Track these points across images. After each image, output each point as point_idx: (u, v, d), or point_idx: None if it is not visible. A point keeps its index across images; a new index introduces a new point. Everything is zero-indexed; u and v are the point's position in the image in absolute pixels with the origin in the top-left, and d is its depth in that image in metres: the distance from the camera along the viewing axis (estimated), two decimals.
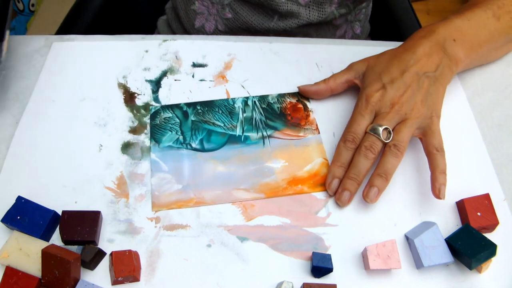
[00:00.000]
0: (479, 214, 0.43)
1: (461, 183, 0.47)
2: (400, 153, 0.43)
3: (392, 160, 0.42)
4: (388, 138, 0.43)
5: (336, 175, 0.44)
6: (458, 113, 0.52)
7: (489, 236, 0.43)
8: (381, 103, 0.44)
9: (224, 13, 0.62)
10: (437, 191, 0.42)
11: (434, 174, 0.43)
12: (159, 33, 0.77)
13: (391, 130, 0.43)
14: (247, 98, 0.52)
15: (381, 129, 0.43)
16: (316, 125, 0.50)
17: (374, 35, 0.79)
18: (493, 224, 0.43)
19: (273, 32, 0.62)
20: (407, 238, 0.43)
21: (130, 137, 0.49)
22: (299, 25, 0.61)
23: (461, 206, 0.44)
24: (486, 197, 0.44)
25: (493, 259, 0.42)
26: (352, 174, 0.43)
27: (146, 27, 0.80)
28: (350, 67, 0.50)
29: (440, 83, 0.46)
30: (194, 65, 0.55)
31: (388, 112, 0.44)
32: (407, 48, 0.47)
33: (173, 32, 0.72)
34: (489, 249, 0.40)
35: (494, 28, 0.50)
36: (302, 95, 0.53)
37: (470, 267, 0.40)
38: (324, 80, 0.50)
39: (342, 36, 0.67)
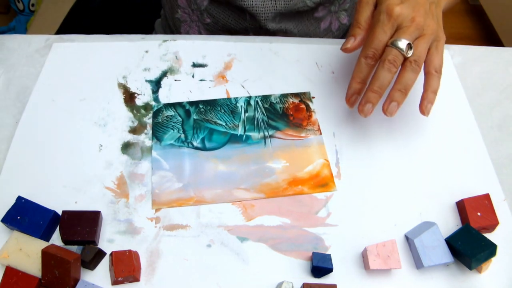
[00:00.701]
0: (479, 214, 0.43)
1: (461, 183, 0.47)
2: (419, 68, 0.43)
3: (411, 75, 0.43)
4: (409, 53, 0.43)
5: (356, 91, 0.45)
6: (458, 113, 0.52)
7: (489, 236, 0.43)
8: (403, 16, 0.44)
9: (204, 18, 0.63)
10: (424, 108, 0.44)
11: (426, 92, 0.44)
12: (157, 34, 0.77)
13: (412, 44, 0.43)
14: (250, 97, 0.52)
15: (404, 43, 0.43)
16: (318, 125, 0.50)
17: None
18: (493, 224, 0.43)
19: (252, 30, 0.63)
20: (407, 238, 0.43)
21: (130, 137, 0.49)
22: (271, 19, 0.61)
23: (461, 206, 0.44)
24: (486, 197, 0.44)
25: (493, 259, 0.42)
26: (375, 87, 0.43)
27: (146, 27, 0.80)
28: (366, 1, 0.47)
29: (440, 9, 0.47)
30: (194, 65, 0.55)
31: (409, 26, 0.44)
32: None
33: None
34: (489, 249, 0.40)
35: None
36: (304, 96, 0.53)
37: (470, 267, 0.40)
38: (358, 26, 0.47)
39: (328, 28, 0.67)
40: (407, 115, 0.52)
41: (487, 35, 1.65)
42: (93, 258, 0.39)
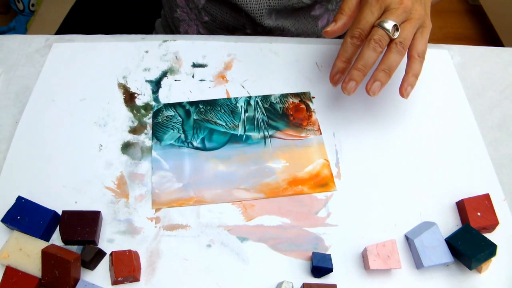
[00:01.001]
0: (479, 214, 0.43)
1: (461, 183, 0.47)
2: (404, 50, 0.44)
3: (396, 57, 0.43)
4: (395, 35, 0.44)
5: (340, 70, 0.45)
6: (458, 113, 0.52)
7: (489, 236, 0.43)
8: None
9: (202, 16, 0.63)
10: (403, 90, 0.44)
11: (407, 75, 0.44)
12: (157, 34, 0.77)
13: (398, 26, 0.44)
14: (250, 97, 0.52)
15: (391, 24, 0.43)
16: (318, 125, 0.50)
17: None
18: (493, 224, 0.43)
19: (249, 27, 0.63)
20: (407, 238, 0.43)
21: (130, 137, 0.49)
22: (266, 15, 0.61)
23: (461, 206, 0.44)
24: (486, 197, 0.44)
25: (493, 259, 0.42)
26: (359, 65, 0.44)
27: (146, 27, 0.80)
28: None
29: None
30: (194, 65, 0.55)
31: (397, 8, 0.44)
32: None
33: None
34: (489, 249, 0.40)
35: None
36: (304, 96, 0.53)
37: (470, 267, 0.40)
38: (341, 12, 0.47)
39: (326, 27, 0.67)
40: (407, 115, 0.52)
41: (487, 35, 1.65)
42: (93, 258, 0.39)
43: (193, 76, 0.54)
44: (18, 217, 0.41)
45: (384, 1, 0.44)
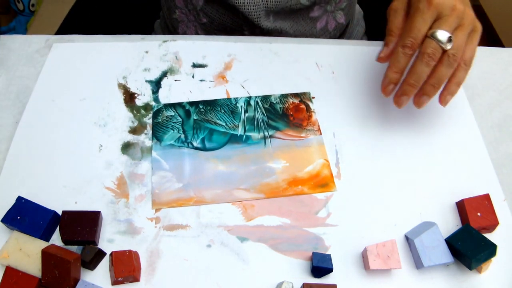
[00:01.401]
0: (479, 214, 0.43)
1: (461, 183, 0.47)
2: (456, 63, 0.43)
3: (447, 70, 0.42)
4: (447, 46, 0.42)
5: (393, 81, 0.45)
6: (458, 113, 0.52)
7: (489, 236, 0.43)
8: (443, 4, 0.43)
9: (200, 18, 0.63)
10: (443, 98, 0.44)
11: (450, 83, 0.44)
12: (156, 35, 0.77)
13: (452, 37, 0.42)
14: (250, 98, 0.52)
15: (444, 36, 0.42)
16: (318, 126, 0.50)
17: (372, 34, 0.78)
18: (493, 224, 0.43)
19: (247, 29, 0.63)
20: (407, 238, 0.43)
21: (130, 137, 0.49)
22: (263, 17, 0.60)
23: (461, 206, 0.44)
24: (486, 197, 0.44)
25: (493, 259, 0.42)
26: (412, 81, 0.43)
27: (146, 27, 0.80)
28: (394, 8, 0.46)
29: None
30: (194, 65, 0.55)
31: (449, 15, 0.43)
32: None
33: None
34: (489, 249, 0.40)
35: None
36: (304, 96, 0.53)
37: (470, 267, 0.40)
38: (390, 34, 0.45)
39: (324, 28, 0.67)
40: (407, 115, 0.52)
41: (487, 35, 1.65)
42: (93, 258, 0.39)
43: (193, 76, 0.54)
44: (18, 217, 0.41)
45: (436, 7, 0.42)
